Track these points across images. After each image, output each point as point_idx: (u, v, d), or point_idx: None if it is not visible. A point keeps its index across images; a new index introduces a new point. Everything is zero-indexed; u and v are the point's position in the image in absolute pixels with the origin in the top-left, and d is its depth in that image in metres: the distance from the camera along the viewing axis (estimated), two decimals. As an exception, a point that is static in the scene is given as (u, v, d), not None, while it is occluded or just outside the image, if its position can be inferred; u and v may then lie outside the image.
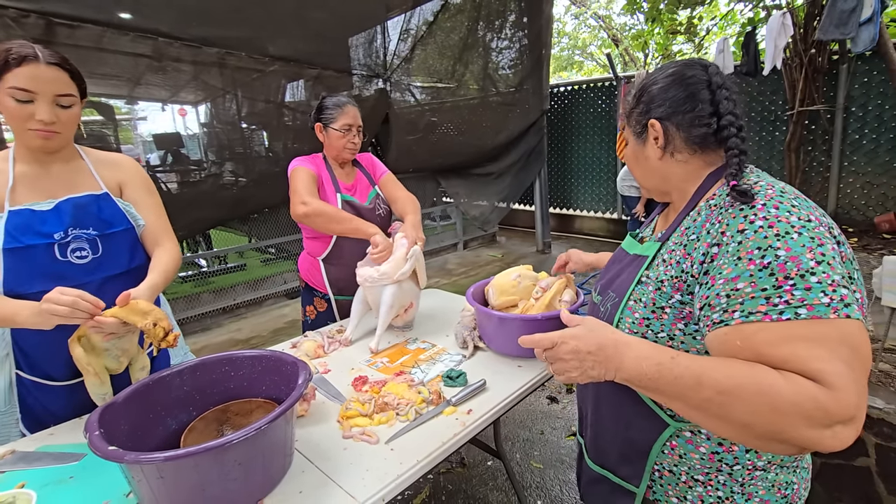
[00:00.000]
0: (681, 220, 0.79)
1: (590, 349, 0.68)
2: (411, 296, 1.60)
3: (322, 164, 1.79)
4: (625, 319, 0.80)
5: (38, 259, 1.09)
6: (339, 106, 1.72)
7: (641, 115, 0.82)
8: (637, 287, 0.80)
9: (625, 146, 0.95)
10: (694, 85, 0.77)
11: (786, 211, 0.64)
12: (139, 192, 1.29)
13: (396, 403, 1.17)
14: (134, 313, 1.02)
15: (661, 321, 0.74)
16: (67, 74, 1.08)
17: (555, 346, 0.71)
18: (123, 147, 4.65)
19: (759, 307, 0.61)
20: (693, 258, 0.70)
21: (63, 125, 1.09)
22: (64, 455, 1.04)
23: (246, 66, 3.62)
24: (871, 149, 4.64)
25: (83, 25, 2.75)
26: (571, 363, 0.69)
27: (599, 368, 0.68)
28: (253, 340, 3.71)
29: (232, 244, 4.72)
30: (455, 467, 2.16)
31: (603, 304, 0.88)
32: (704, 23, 8.89)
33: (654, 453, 0.79)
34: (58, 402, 1.19)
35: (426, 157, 5.02)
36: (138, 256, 1.26)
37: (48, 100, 1.05)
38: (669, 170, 0.81)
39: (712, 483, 0.76)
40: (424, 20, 4.63)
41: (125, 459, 0.74)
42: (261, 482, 0.88)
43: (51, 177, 1.15)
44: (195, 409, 1.04)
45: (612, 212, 6.45)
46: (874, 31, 3.82)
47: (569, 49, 15.77)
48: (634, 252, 0.87)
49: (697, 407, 0.63)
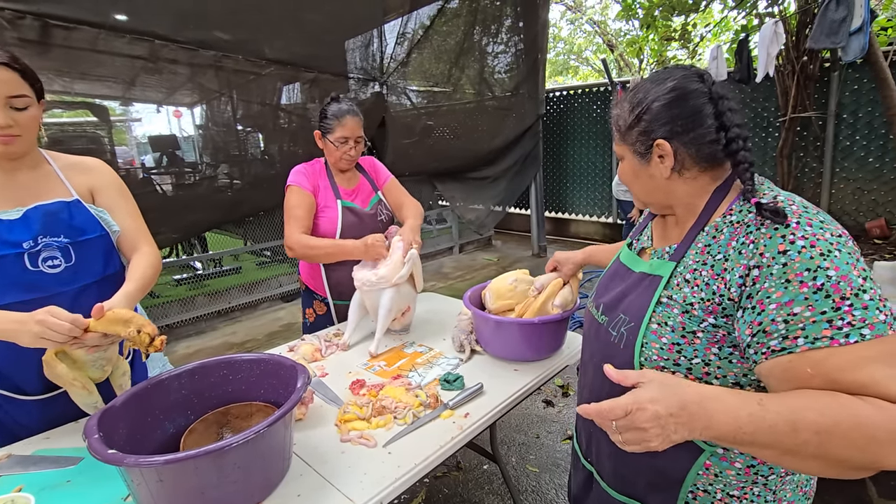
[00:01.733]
0: (693, 237, 0.76)
1: (671, 411, 0.59)
2: (408, 299, 1.61)
3: (322, 171, 1.78)
4: (650, 345, 0.75)
5: (7, 269, 1.04)
6: (338, 117, 1.67)
7: (644, 135, 0.78)
8: (657, 309, 0.76)
9: None
10: (697, 99, 0.74)
11: (819, 228, 0.64)
12: (113, 197, 1.23)
13: (394, 407, 1.17)
14: (115, 324, 0.99)
15: (693, 346, 0.71)
16: (18, 74, 1.01)
17: (629, 414, 0.60)
18: (118, 149, 4.63)
19: (823, 332, 0.59)
20: (727, 280, 0.68)
21: (22, 128, 1.03)
22: (61, 459, 1.03)
23: (242, 68, 3.62)
24: (862, 155, 4.71)
25: (79, 27, 2.75)
26: (652, 431, 0.59)
27: (683, 430, 0.60)
28: (248, 344, 3.70)
29: (227, 247, 4.70)
30: (451, 471, 2.16)
31: (613, 326, 0.83)
32: (698, 29, 8.98)
33: (690, 480, 0.77)
34: (30, 416, 1.14)
35: (422, 161, 5.03)
36: (113, 263, 1.21)
37: (0, 103, 0.99)
38: (676, 187, 0.79)
39: (747, 496, 0.75)
40: (421, 24, 4.66)
41: (125, 463, 0.74)
42: (260, 485, 0.88)
43: (17, 184, 1.10)
44: (193, 412, 1.04)
45: (608, 216, 6.49)
46: (864, 41, 3.87)
47: (564, 54, 15.88)
48: (641, 270, 0.84)
49: (791, 451, 0.59)
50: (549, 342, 1.41)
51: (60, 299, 1.06)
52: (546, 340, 1.40)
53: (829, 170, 4.88)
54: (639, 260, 0.88)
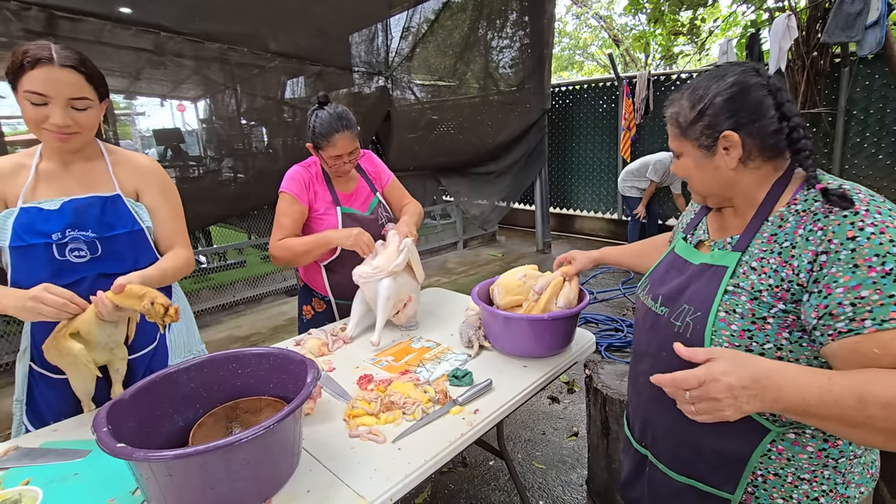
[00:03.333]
0: (757, 226, 0.79)
1: (744, 383, 0.63)
2: (408, 289, 1.59)
3: (319, 175, 1.73)
4: (720, 333, 0.78)
5: (39, 257, 1.11)
6: (328, 136, 1.56)
7: (709, 129, 0.80)
8: (725, 298, 0.78)
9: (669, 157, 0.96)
10: (758, 92, 0.77)
11: (888, 216, 0.67)
12: (156, 198, 1.29)
13: (403, 402, 1.16)
14: (130, 298, 1.04)
15: (764, 332, 0.74)
16: (83, 77, 1.06)
17: (702, 385, 0.64)
18: (122, 143, 4.63)
19: (891, 314, 0.63)
20: (795, 266, 0.71)
21: (80, 126, 1.09)
22: (68, 451, 1.03)
23: (247, 61, 3.60)
24: (872, 152, 4.65)
25: (85, 19, 2.73)
26: (725, 401, 0.63)
27: (755, 402, 0.63)
28: (253, 338, 3.70)
29: (231, 241, 4.69)
30: (456, 467, 2.15)
31: (676, 316, 0.85)
32: (707, 24, 8.90)
33: (755, 459, 0.79)
34: (57, 394, 1.20)
35: (427, 156, 5.01)
36: (145, 258, 1.25)
37: (62, 103, 1.03)
38: (741, 179, 0.82)
39: (817, 479, 0.78)
40: (426, 18, 4.62)
41: (134, 457, 0.73)
42: (269, 481, 0.87)
43: (70, 175, 1.17)
44: (202, 406, 1.03)
45: (613, 212, 6.46)
46: (881, 35, 3.81)
47: (570, 49, 15.77)
48: (701, 261, 0.87)
49: (858, 425, 0.62)
50: (558, 338, 1.40)
51: (85, 284, 1.13)
52: (556, 336, 1.39)
53: (839, 166, 4.82)
54: (697, 252, 0.90)
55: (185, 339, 1.42)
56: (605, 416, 1.66)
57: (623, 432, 1.61)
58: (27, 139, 3.99)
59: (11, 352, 3.13)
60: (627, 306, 4.03)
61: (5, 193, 1.11)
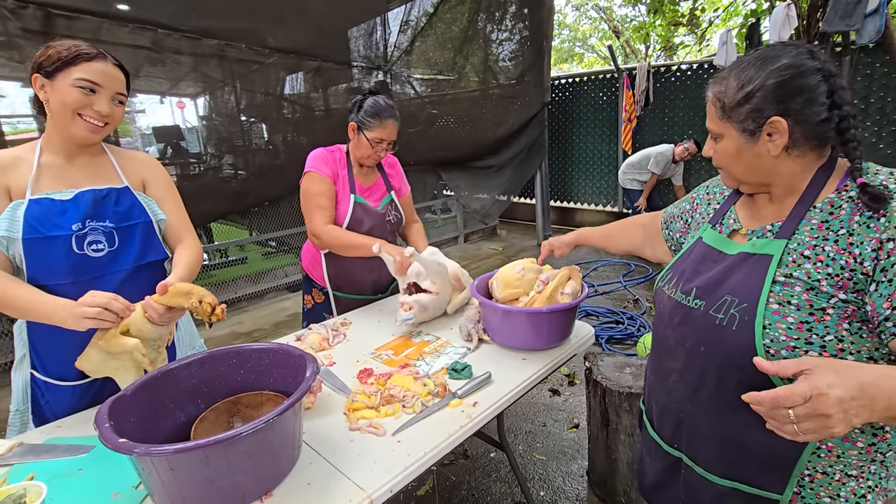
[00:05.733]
0: (801, 213, 0.76)
1: (852, 394, 0.57)
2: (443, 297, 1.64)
3: (343, 159, 1.74)
4: (774, 326, 0.73)
5: (55, 251, 1.10)
6: (381, 117, 1.62)
7: (755, 112, 0.76)
8: (774, 288, 0.75)
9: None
10: (812, 77, 0.73)
11: None
12: (161, 189, 1.32)
13: (402, 396, 1.17)
14: (177, 296, 1.06)
15: (823, 323, 0.70)
16: (125, 77, 1.16)
17: (808, 401, 0.58)
18: (122, 140, 4.63)
19: None
20: (856, 254, 0.68)
21: (114, 119, 1.15)
22: (72, 447, 1.04)
23: (245, 57, 3.60)
24: (873, 141, 4.63)
25: (82, 16, 2.73)
26: (836, 417, 0.57)
27: (864, 413, 0.58)
28: (255, 334, 3.72)
29: (233, 238, 4.70)
30: (458, 459, 2.17)
31: (717, 309, 0.80)
32: (706, 14, 8.83)
33: (805, 457, 0.76)
34: (67, 402, 1.20)
35: (427, 150, 5.00)
36: (155, 251, 1.26)
37: (109, 95, 1.12)
38: (783, 166, 0.78)
39: (864, 475, 0.76)
40: (425, 11, 4.60)
41: (136, 452, 0.74)
42: (270, 474, 0.88)
43: (75, 168, 1.17)
44: (203, 401, 1.04)
45: (613, 205, 6.44)
46: (880, 23, 3.79)
47: (569, 41, 15.67)
48: (739, 251, 0.82)
49: None
50: (557, 331, 1.40)
51: (103, 283, 1.14)
52: (554, 329, 1.39)
53: (840, 156, 4.81)
54: (732, 242, 0.86)
55: (189, 336, 1.44)
56: (605, 408, 1.67)
57: (622, 424, 1.63)
58: (26, 138, 3.99)
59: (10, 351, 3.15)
60: (628, 298, 4.03)
61: (8, 184, 1.09)
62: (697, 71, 5.37)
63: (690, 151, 4.99)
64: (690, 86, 5.42)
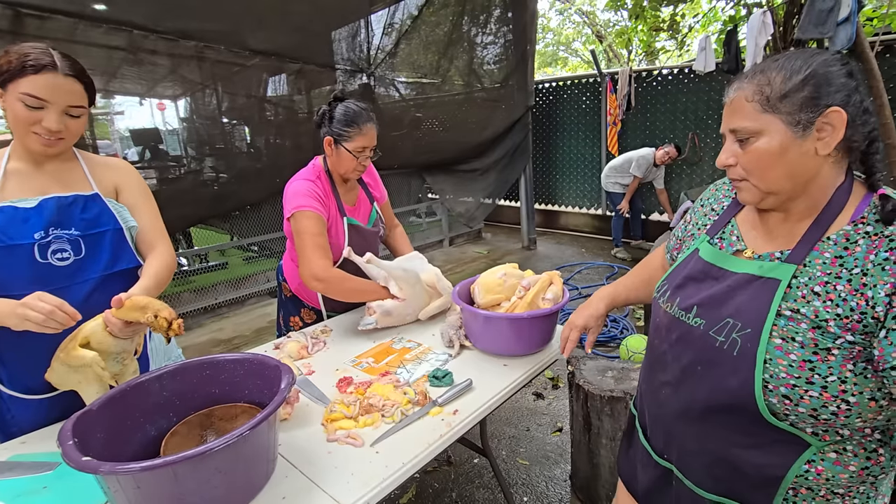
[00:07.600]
0: (815, 237, 0.71)
1: None
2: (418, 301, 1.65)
3: (326, 184, 1.61)
4: (775, 361, 0.69)
5: (17, 260, 1.06)
6: (357, 124, 1.51)
7: (813, 100, 0.67)
8: (779, 322, 0.70)
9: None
10: (855, 77, 0.68)
11: None
12: (135, 196, 1.27)
13: (382, 405, 1.16)
14: (133, 311, 1.02)
15: (827, 363, 0.67)
16: (83, 87, 1.07)
17: None
18: (100, 142, 4.52)
19: None
20: (869, 297, 0.65)
21: (70, 133, 1.09)
22: (36, 464, 1.00)
23: (225, 59, 3.55)
24: (847, 146, 4.75)
25: (54, 16, 2.66)
26: None
27: None
28: (235, 340, 3.66)
29: (213, 242, 4.63)
30: (441, 466, 2.15)
31: (718, 330, 0.76)
32: (687, 20, 8.99)
33: (792, 474, 0.74)
34: (35, 416, 1.15)
35: (411, 154, 4.98)
36: (126, 258, 1.22)
37: (59, 109, 1.04)
38: (823, 171, 0.71)
39: (851, 494, 0.74)
40: (409, 14, 4.59)
41: (100, 471, 0.72)
42: (243, 489, 0.86)
43: (44, 174, 1.13)
44: (175, 414, 1.01)
45: (597, 208, 6.51)
46: (851, 31, 3.88)
47: (553, 45, 15.83)
48: (745, 271, 0.78)
49: None
50: (538, 336, 1.40)
51: (70, 292, 1.09)
52: (535, 335, 1.39)
53: (815, 160, 4.92)
54: (737, 259, 0.80)
55: (164, 346, 1.40)
56: (587, 412, 1.67)
57: (604, 428, 1.63)
58: (3, 140, 3.88)
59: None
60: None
61: None
62: (678, 76, 5.45)
63: (671, 155, 5.06)
64: (671, 90, 5.50)
